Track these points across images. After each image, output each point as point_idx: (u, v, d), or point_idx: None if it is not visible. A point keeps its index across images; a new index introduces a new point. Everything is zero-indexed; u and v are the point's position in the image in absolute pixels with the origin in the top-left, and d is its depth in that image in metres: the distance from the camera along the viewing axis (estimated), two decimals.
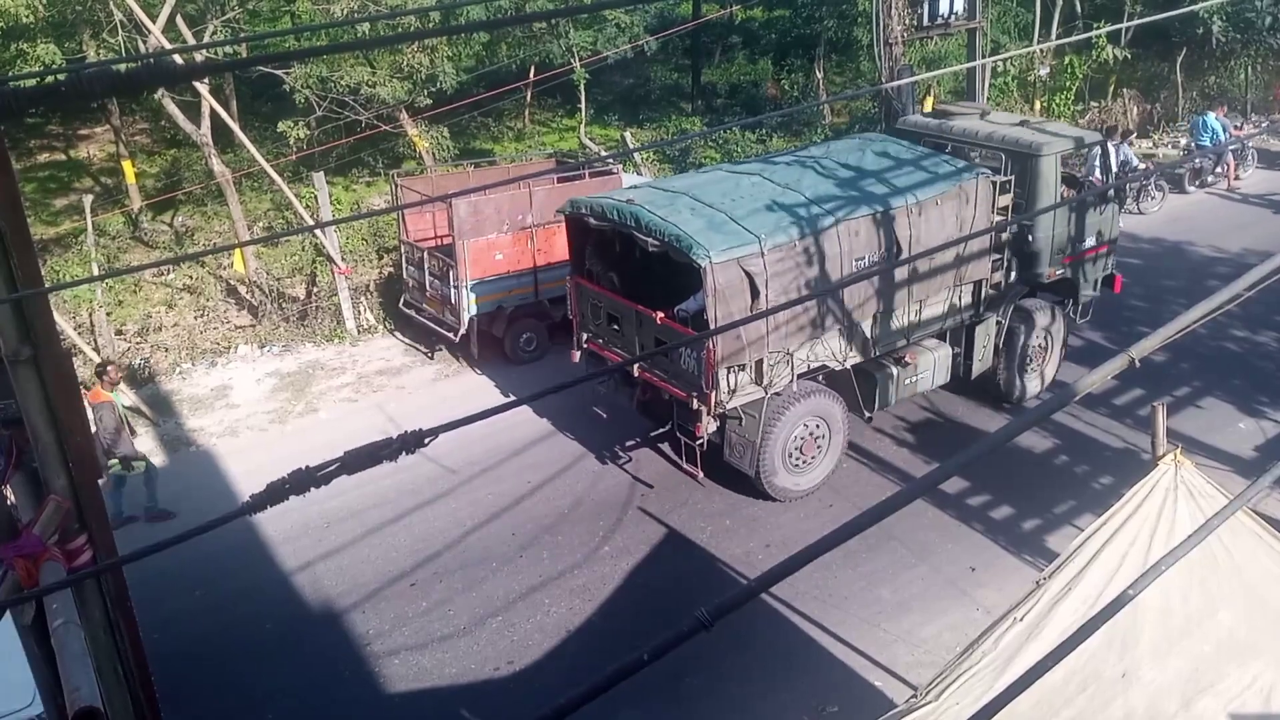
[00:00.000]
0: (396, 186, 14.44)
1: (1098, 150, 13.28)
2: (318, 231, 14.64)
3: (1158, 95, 24.72)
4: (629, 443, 11.43)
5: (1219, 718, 4.21)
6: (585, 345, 11.02)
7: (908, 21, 18.27)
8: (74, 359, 10.32)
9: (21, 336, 2.61)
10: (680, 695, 7.68)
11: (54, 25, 15.18)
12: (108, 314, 13.93)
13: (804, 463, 10.24)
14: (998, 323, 11.37)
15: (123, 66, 2.02)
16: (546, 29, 19.94)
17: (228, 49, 13.94)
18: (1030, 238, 11.14)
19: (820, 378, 10.27)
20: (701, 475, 10.20)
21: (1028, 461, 10.63)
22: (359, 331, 14.70)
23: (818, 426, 10.24)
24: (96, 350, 12.95)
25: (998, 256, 10.96)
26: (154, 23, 13.54)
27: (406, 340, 14.49)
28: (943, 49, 24.20)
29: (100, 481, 8.13)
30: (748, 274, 9.09)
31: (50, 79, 1.96)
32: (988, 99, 20.11)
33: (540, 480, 10.70)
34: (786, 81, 26.17)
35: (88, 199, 14.39)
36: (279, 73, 16.61)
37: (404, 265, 14.44)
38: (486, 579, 9.25)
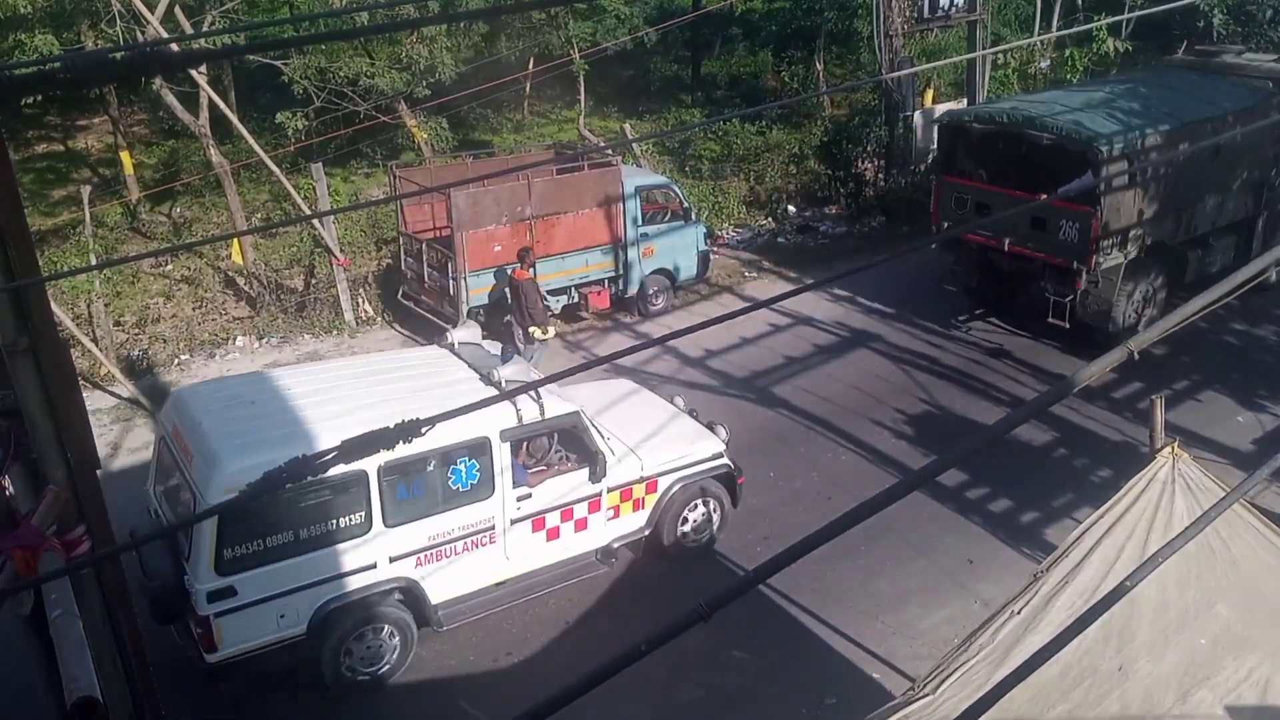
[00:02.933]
0: (395, 178, 14.41)
1: None
2: (316, 222, 14.60)
3: None
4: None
5: (1215, 710, 4.21)
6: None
7: (908, 14, 18.23)
8: (72, 350, 10.32)
9: (19, 327, 2.61)
10: (678, 687, 7.69)
11: (52, 16, 15.14)
12: (106, 305, 13.90)
13: (1138, 320, 12.37)
14: (1266, 219, 13.73)
15: (119, 54, 2.01)
16: (546, 20, 19.89)
17: (225, 38, 13.87)
18: None
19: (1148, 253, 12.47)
20: (1068, 325, 12.43)
21: (1026, 454, 10.64)
22: (357, 323, 14.67)
23: (1151, 292, 12.70)
24: (95, 341, 12.93)
25: (1274, 164, 13.47)
26: (152, 12, 13.48)
27: (405, 332, 14.47)
28: (943, 41, 24.11)
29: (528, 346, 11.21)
30: (1129, 160, 11.49)
31: (48, 66, 1.95)
32: (987, 91, 20.08)
33: None
34: (786, 73, 26.12)
35: (86, 190, 14.33)
36: (277, 64, 16.56)
37: (402, 257, 14.41)
38: None
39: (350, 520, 7.33)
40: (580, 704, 2.30)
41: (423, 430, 2.13)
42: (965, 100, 19.73)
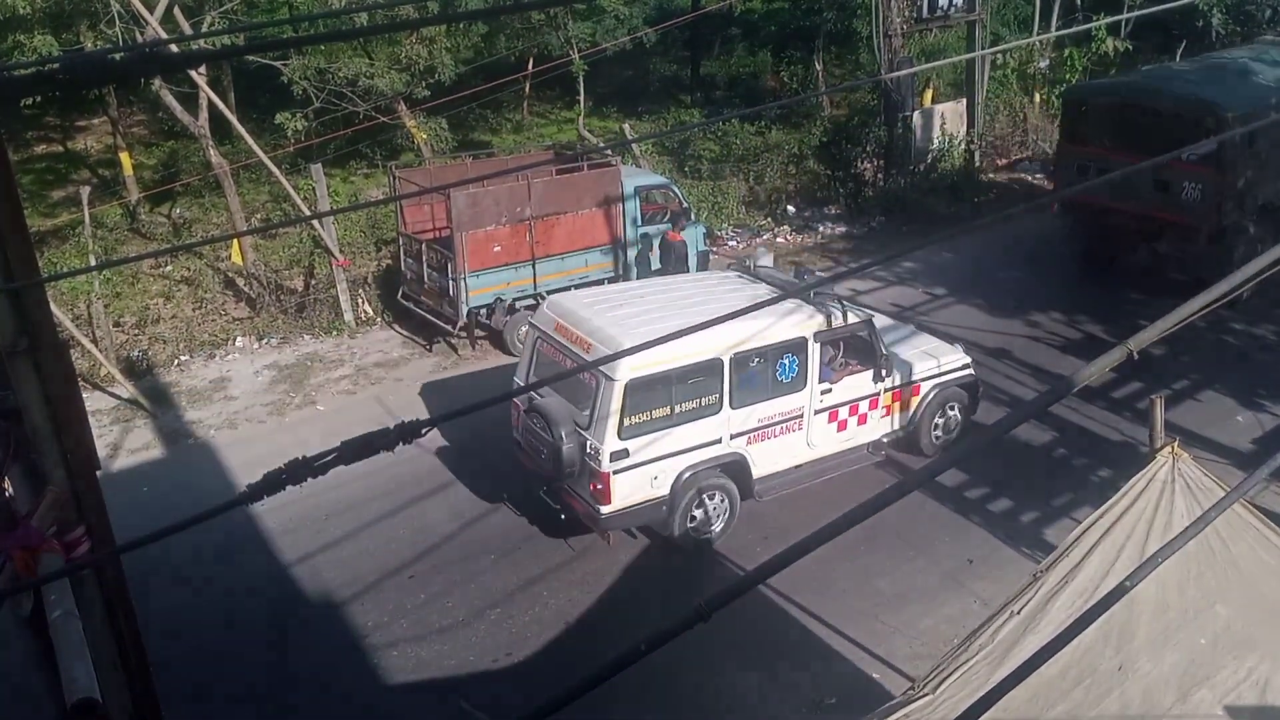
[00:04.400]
0: (394, 178, 14.40)
1: None
2: (315, 223, 14.60)
3: None
4: None
5: (1215, 710, 4.21)
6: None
7: (907, 14, 18.23)
8: (71, 350, 10.33)
9: (18, 328, 2.60)
10: (678, 687, 7.69)
11: (51, 16, 15.13)
12: (105, 306, 13.89)
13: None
14: None
15: (118, 55, 2.01)
16: (545, 20, 19.89)
17: (225, 38, 13.87)
18: None
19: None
20: (1187, 278, 13.20)
21: (1026, 454, 10.64)
22: (357, 324, 14.67)
23: (1260, 250, 12.80)
24: (95, 342, 12.93)
25: None
26: (151, 13, 13.48)
27: (405, 332, 14.47)
28: (942, 41, 24.13)
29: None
30: (1245, 125, 12.17)
31: (47, 66, 1.95)
32: (987, 91, 20.09)
33: None
34: (786, 73, 26.13)
35: (85, 191, 14.32)
36: (277, 64, 16.57)
37: (402, 257, 14.41)
38: (484, 571, 9.25)
39: (708, 400, 8.88)
40: (579, 704, 2.30)
41: (423, 431, 2.13)
42: (965, 100, 19.76)
